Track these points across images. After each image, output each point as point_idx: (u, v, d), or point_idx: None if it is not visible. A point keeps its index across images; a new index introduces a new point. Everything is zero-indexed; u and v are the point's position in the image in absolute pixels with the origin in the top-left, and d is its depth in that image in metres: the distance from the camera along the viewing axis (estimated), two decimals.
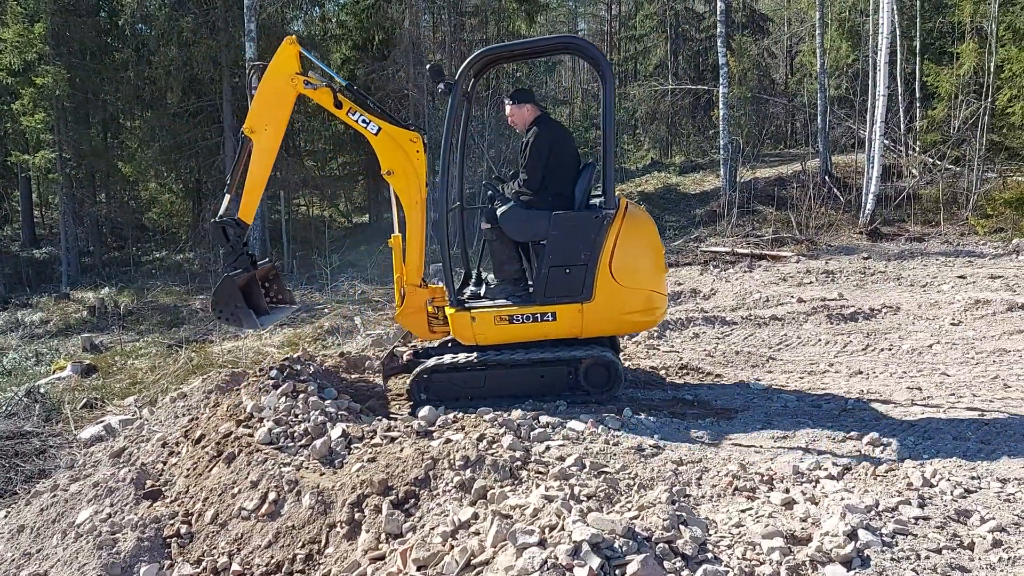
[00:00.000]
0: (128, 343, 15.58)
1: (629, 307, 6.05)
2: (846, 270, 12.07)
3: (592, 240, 5.90)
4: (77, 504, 5.42)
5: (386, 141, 6.10)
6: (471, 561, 3.70)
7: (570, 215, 5.98)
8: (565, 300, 5.94)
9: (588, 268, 5.90)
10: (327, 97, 6.07)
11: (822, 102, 20.90)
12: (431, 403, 5.97)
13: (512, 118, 6.38)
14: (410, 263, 6.34)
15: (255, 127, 6.09)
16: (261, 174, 6.17)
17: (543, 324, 5.99)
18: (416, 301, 6.34)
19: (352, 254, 21.35)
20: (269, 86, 6.08)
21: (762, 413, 5.94)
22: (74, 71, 21.51)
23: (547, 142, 6.11)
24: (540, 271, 5.96)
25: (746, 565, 3.52)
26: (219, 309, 6.15)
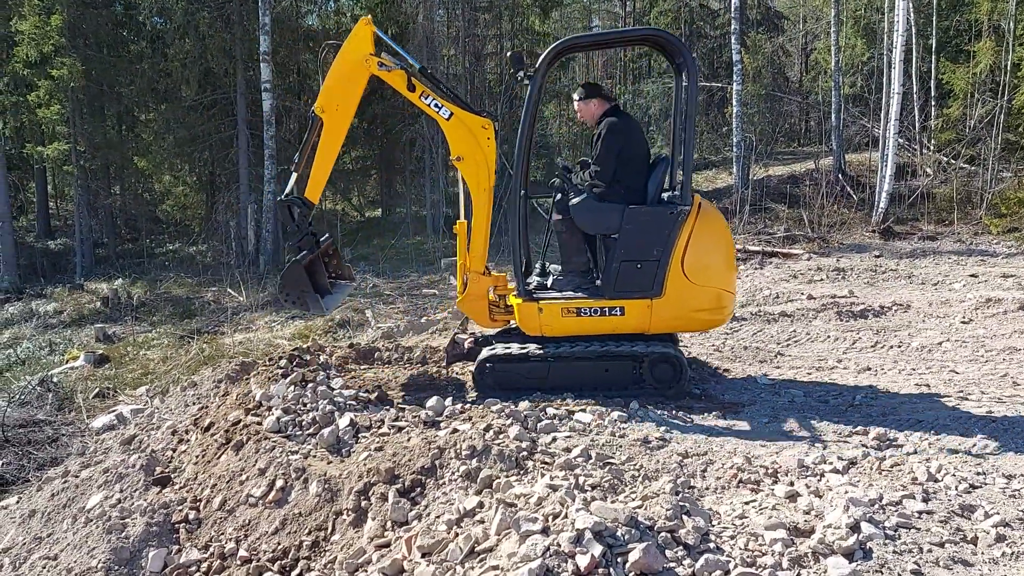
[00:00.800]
0: (140, 334, 15.70)
1: (699, 305, 6.04)
2: (857, 268, 12.02)
3: (666, 236, 5.90)
4: (88, 490, 5.49)
5: (457, 126, 6.05)
6: (475, 548, 3.73)
7: (644, 210, 5.98)
8: (635, 295, 5.95)
9: (660, 264, 5.91)
10: (401, 80, 6.01)
11: (836, 100, 20.79)
12: (494, 392, 6.01)
13: (580, 113, 6.41)
14: (474, 250, 6.31)
15: (326, 106, 6.04)
16: (329, 154, 6.15)
17: (611, 318, 5.99)
18: (479, 289, 6.35)
19: (364, 248, 21.42)
20: (342, 66, 6.02)
21: (769, 407, 5.95)
22: (90, 63, 21.65)
23: (619, 135, 6.08)
24: (611, 265, 5.96)
25: (748, 556, 3.54)
26: (286, 293, 6.27)
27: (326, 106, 6.04)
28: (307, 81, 23.88)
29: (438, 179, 22.37)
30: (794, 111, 27.44)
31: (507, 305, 6.44)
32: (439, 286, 16.26)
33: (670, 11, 27.93)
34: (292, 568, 4.29)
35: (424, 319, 10.58)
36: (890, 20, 18.54)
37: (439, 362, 7.22)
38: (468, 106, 6.13)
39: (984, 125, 19.02)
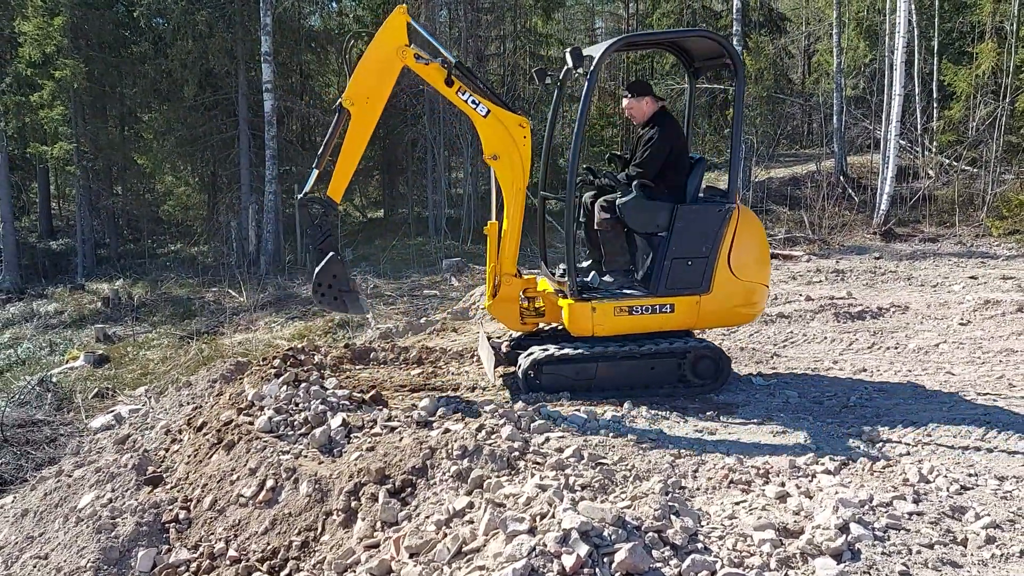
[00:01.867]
0: (141, 334, 15.72)
1: (741, 300, 6.27)
2: (857, 269, 11.99)
3: (714, 233, 6.07)
4: (80, 489, 5.49)
5: (494, 124, 5.91)
6: (462, 548, 3.71)
7: (694, 208, 6.13)
8: (685, 292, 6.09)
9: (708, 261, 6.07)
10: (438, 74, 5.79)
11: (838, 102, 20.76)
12: (543, 392, 6.03)
13: (630, 111, 6.40)
14: (507, 252, 6.19)
15: (355, 98, 5.67)
16: (356, 149, 5.81)
17: (661, 315, 6.10)
18: (511, 291, 6.28)
19: (365, 248, 21.43)
20: (375, 56, 5.70)
21: (763, 408, 5.93)
22: (92, 64, 21.70)
23: (671, 140, 6.21)
24: (661, 263, 6.06)
25: (736, 556, 3.52)
26: (322, 293, 5.74)
27: (355, 98, 5.67)
28: (308, 82, 23.91)
29: (440, 180, 22.38)
30: (796, 113, 27.38)
31: (536, 308, 6.39)
32: (440, 287, 16.25)
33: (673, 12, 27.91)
34: (281, 568, 4.28)
35: (423, 320, 10.57)
36: (892, 22, 18.50)
37: (435, 362, 7.22)
38: (505, 103, 6.01)
39: (986, 127, 18.97)
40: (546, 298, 6.35)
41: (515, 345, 6.77)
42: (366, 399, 5.77)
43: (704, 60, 6.79)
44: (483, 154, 6.06)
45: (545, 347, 6.15)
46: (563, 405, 5.82)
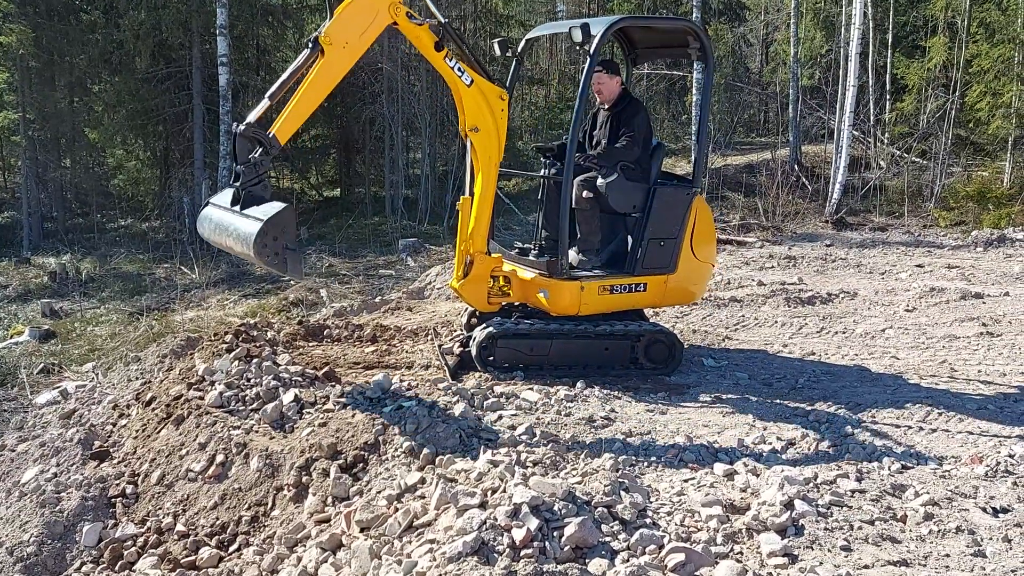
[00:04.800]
0: (89, 310, 15.35)
1: (696, 279, 6.54)
2: (808, 256, 12.21)
3: (682, 215, 6.27)
4: (23, 464, 5.37)
5: (476, 96, 5.78)
6: (413, 523, 3.73)
7: (669, 190, 6.32)
8: (656, 271, 6.26)
9: (677, 241, 6.27)
10: (428, 37, 5.55)
11: (794, 91, 21.03)
12: (496, 369, 6.03)
13: (602, 87, 6.39)
14: (478, 228, 6.01)
15: (334, 39, 5.20)
16: (318, 93, 5.30)
17: (635, 294, 6.26)
18: (483, 271, 6.13)
19: (321, 227, 21.18)
20: (365, 4, 5.34)
21: (714, 389, 6.03)
22: (40, 31, 20.99)
23: (647, 119, 6.39)
24: (638, 243, 6.19)
25: (683, 531, 3.59)
26: (265, 244, 4.77)
27: (334, 39, 5.20)
28: (265, 56, 23.45)
29: (398, 160, 22.18)
30: (753, 101, 27.68)
31: (501, 287, 6.30)
32: (396, 267, 16.15)
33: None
34: (230, 543, 4.26)
35: (378, 299, 10.51)
36: (848, 13, 18.78)
37: (389, 340, 7.18)
38: (488, 74, 5.89)
39: (936, 120, 19.40)
40: (513, 277, 6.32)
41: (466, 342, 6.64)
42: (319, 376, 5.73)
43: (660, 48, 6.95)
44: (462, 126, 5.93)
45: (501, 320, 6.16)
46: (516, 384, 5.85)
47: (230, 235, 5.02)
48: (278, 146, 5.14)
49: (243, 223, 4.92)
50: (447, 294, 9.95)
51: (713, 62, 6.61)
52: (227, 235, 5.05)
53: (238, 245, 4.96)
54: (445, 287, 10.29)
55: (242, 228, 4.90)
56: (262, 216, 4.81)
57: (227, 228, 5.06)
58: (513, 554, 3.20)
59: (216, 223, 5.19)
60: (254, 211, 4.91)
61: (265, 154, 5.07)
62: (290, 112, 5.21)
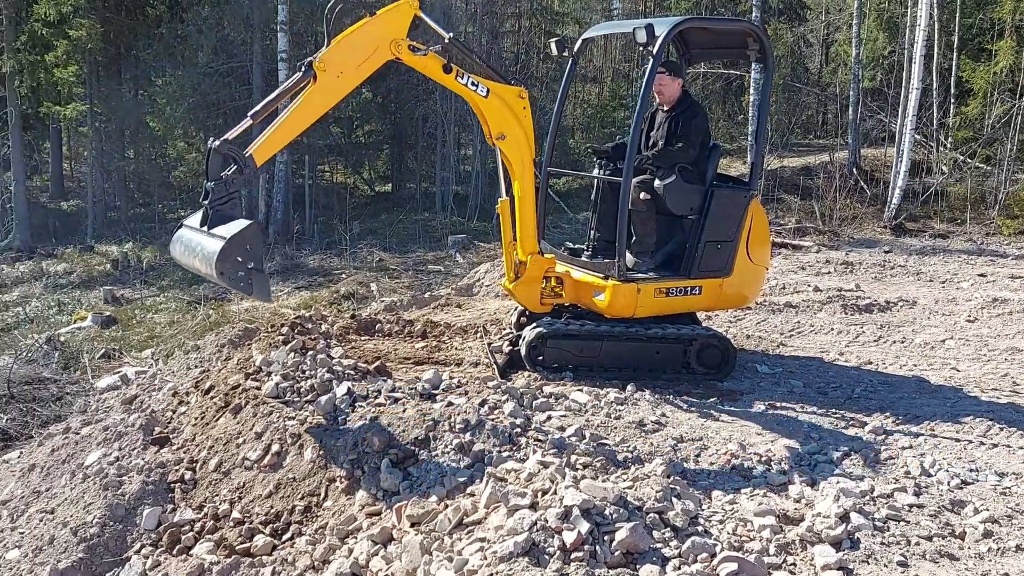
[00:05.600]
0: (149, 298, 15.79)
1: (751, 283, 6.49)
2: (866, 262, 11.96)
3: (740, 218, 6.22)
4: (87, 447, 5.54)
5: (495, 103, 5.68)
6: (464, 520, 3.76)
7: (726, 192, 6.27)
8: (712, 274, 6.22)
9: (733, 245, 6.22)
10: (435, 63, 5.41)
11: (855, 93, 20.60)
12: (545, 369, 6.03)
13: (663, 88, 6.33)
14: (526, 230, 6.00)
15: (328, 67, 5.02)
16: (304, 119, 5.13)
17: (690, 297, 6.22)
18: (536, 272, 6.12)
19: (372, 222, 21.42)
20: (365, 39, 5.19)
21: (767, 396, 5.95)
22: (108, 25, 21.61)
23: (706, 122, 6.36)
24: (695, 245, 6.16)
25: (735, 540, 3.56)
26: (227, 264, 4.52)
27: (329, 67, 5.04)
28: None
29: (449, 156, 22.32)
30: (811, 103, 27.18)
31: (554, 288, 6.28)
32: (445, 263, 16.27)
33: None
34: (284, 532, 4.33)
35: (427, 294, 10.60)
36: (913, 15, 18.32)
37: (439, 336, 7.24)
38: (501, 75, 5.84)
39: (1001, 125, 18.82)
40: (566, 278, 6.32)
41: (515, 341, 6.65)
42: (371, 370, 5.80)
43: (717, 49, 6.89)
44: (487, 137, 5.84)
45: (551, 320, 6.16)
46: (565, 384, 5.85)
47: (196, 256, 4.74)
48: (253, 167, 4.90)
49: (208, 243, 4.65)
50: (496, 291, 9.99)
51: (773, 64, 6.53)
52: (194, 256, 4.77)
53: (203, 266, 4.68)
54: (494, 284, 10.33)
55: (207, 248, 4.63)
56: (225, 235, 4.55)
57: (194, 249, 4.78)
58: (564, 556, 3.21)
59: (185, 244, 4.90)
60: (219, 230, 4.64)
61: (238, 173, 4.83)
62: (272, 134, 5.00)
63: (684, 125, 6.23)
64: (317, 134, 21.62)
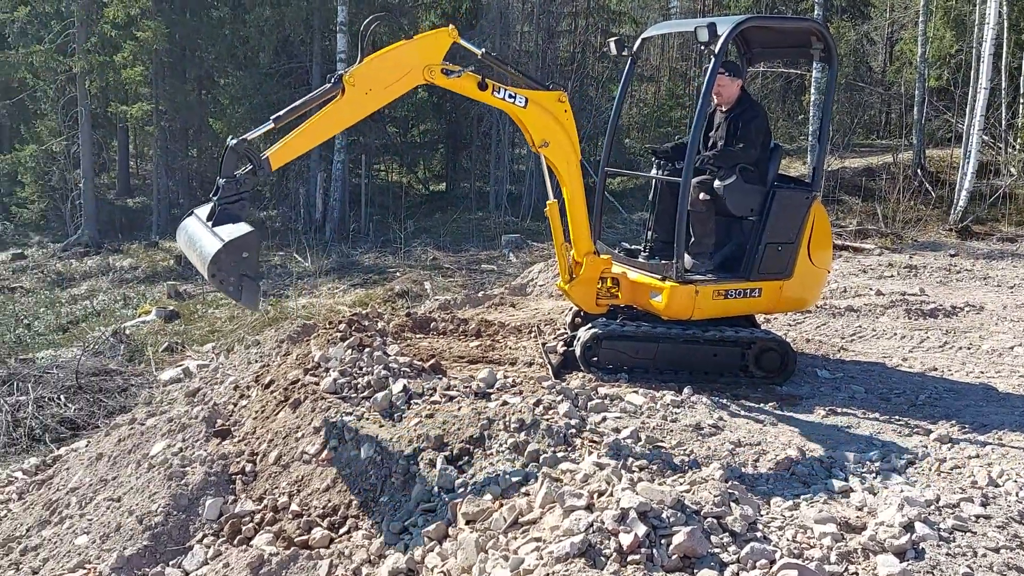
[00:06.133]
0: (210, 293, 16.15)
1: (811, 286, 6.41)
2: (930, 266, 11.64)
3: (801, 219, 6.14)
4: (152, 437, 5.71)
5: (535, 111, 5.59)
6: (519, 519, 3.76)
7: (788, 193, 6.21)
8: (772, 277, 6.15)
9: (794, 247, 6.15)
10: (471, 82, 5.38)
11: (920, 92, 20.05)
12: (599, 370, 6.01)
13: (722, 89, 6.25)
14: (579, 232, 6.00)
15: (358, 83, 4.99)
16: (326, 130, 5.14)
17: (749, 300, 6.17)
18: (592, 272, 6.11)
19: (427, 221, 21.60)
20: (398, 62, 5.17)
21: (828, 401, 5.83)
22: (173, 27, 22.19)
23: (766, 122, 6.33)
24: (755, 247, 6.10)
25: (795, 547, 3.50)
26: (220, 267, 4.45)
27: (358, 82, 5.00)
28: None
29: (503, 156, 22.37)
30: (875, 102, 26.54)
31: (610, 289, 6.25)
32: (498, 262, 16.32)
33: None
34: (340, 525, 4.39)
35: (481, 293, 10.64)
36: (981, 12, 17.76)
37: (493, 335, 7.26)
38: (537, 82, 5.82)
39: None
40: (622, 279, 6.29)
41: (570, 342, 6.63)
42: (426, 367, 5.85)
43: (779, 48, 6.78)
44: (531, 145, 5.78)
45: (606, 321, 6.13)
46: (621, 386, 5.82)
47: (195, 251, 4.69)
48: (268, 170, 4.88)
49: (207, 241, 4.60)
50: (550, 291, 9.98)
51: (837, 63, 6.40)
52: (194, 250, 4.72)
53: (199, 263, 4.64)
54: (548, 284, 10.32)
55: (205, 246, 4.57)
56: (225, 237, 4.49)
57: (195, 243, 4.72)
58: (620, 559, 3.19)
59: (189, 235, 4.86)
60: (221, 230, 4.59)
61: (252, 174, 4.82)
62: (291, 141, 4.99)
63: (744, 126, 6.15)
64: (373, 134, 21.90)
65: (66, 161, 23.42)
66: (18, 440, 8.66)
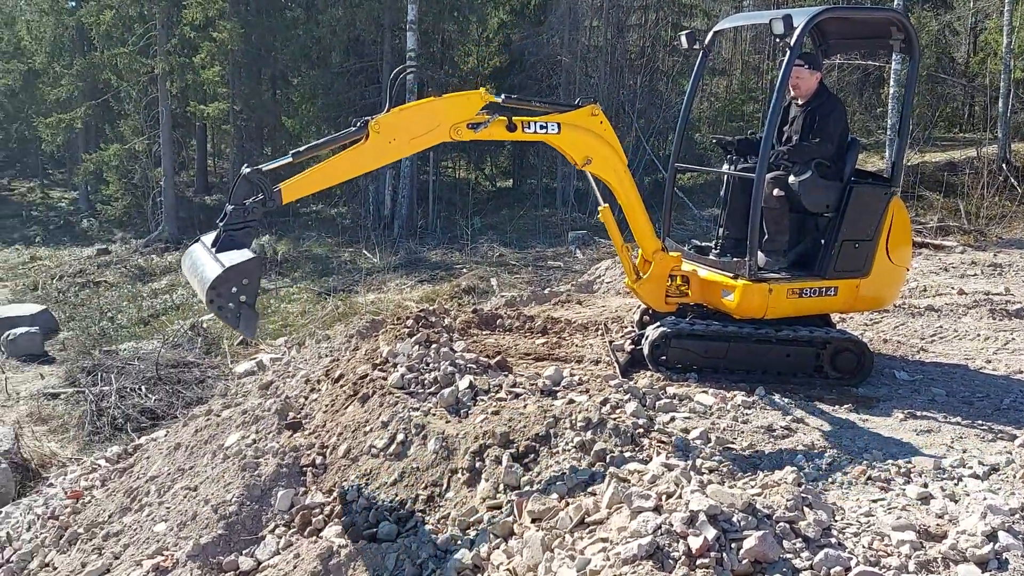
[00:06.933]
0: (283, 288, 16.55)
1: (889, 284, 6.24)
2: (1016, 264, 11.13)
3: (879, 216, 5.99)
4: (227, 428, 5.87)
5: (571, 133, 5.51)
6: (585, 519, 3.74)
7: (865, 189, 6.05)
8: (848, 275, 6.01)
9: (872, 244, 6.00)
10: (499, 129, 5.29)
11: (1005, 84, 19.22)
12: (668, 370, 5.95)
13: (800, 82, 6.12)
14: (642, 234, 5.98)
15: (383, 131, 4.90)
16: (343, 172, 5.05)
17: (824, 298, 6.03)
18: (662, 270, 6.06)
19: (494, 217, 21.69)
20: (429, 115, 5.14)
21: (907, 404, 5.62)
22: (249, 28, 22.75)
23: (844, 116, 6.17)
24: (831, 244, 5.97)
25: (872, 555, 3.39)
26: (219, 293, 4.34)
27: (383, 131, 4.90)
28: (449, 51, 24.23)
29: None
30: (957, 94, 25.54)
31: (679, 287, 6.17)
32: (564, 259, 16.27)
33: None
34: (407, 519, 4.43)
35: (547, 290, 10.62)
36: None
37: (559, 333, 7.23)
38: (564, 104, 5.68)
39: None
40: (692, 277, 6.19)
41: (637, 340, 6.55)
42: (492, 364, 5.86)
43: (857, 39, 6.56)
44: (574, 164, 5.70)
45: (675, 320, 6.04)
46: (690, 386, 5.72)
47: (196, 276, 4.60)
48: (279, 202, 4.78)
49: (208, 266, 4.50)
50: (617, 288, 9.89)
51: (918, 54, 6.17)
52: (195, 276, 4.62)
53: (199, 289, 4.54)
54: (615, 281, 10.23)
55: (206, 272, 4.48)
56: (226, 262, 4.41)
57: (197, 269, 4.62)
58: (689, 562, 3.14)
59: (193, 261, 4.75)
60: (223, 255, 4.49)
61: (262, 204, 4.71)
62: (307, 176, 4.90)
63: (821, 120, 5.97)
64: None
65: (148, 160, 24.25)
66: (101, 428, 9.04)
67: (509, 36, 24.74)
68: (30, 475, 7.59)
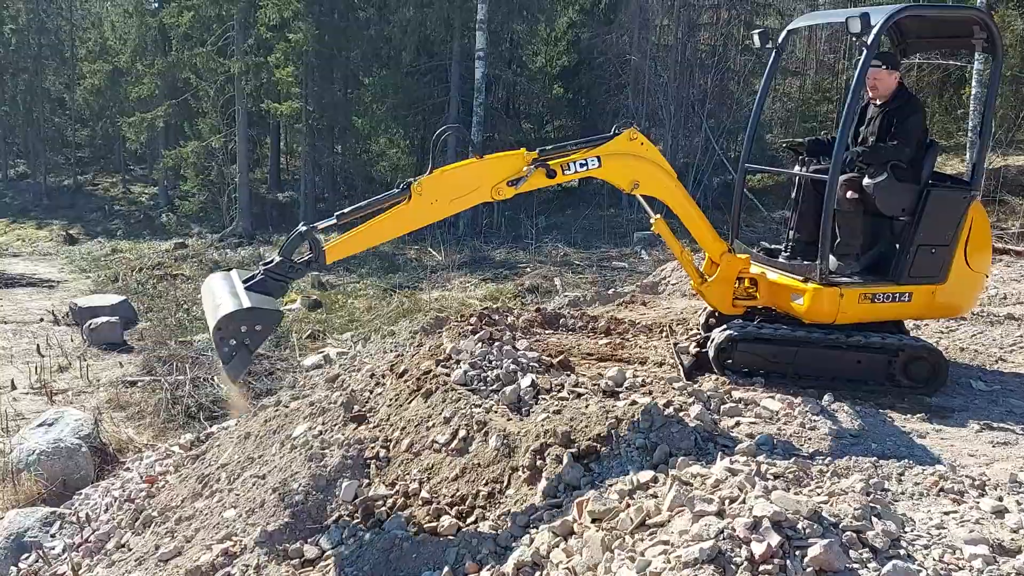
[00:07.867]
0: (350, 284, 16.85)
1: (967, 291, 6.07)
2: None
3: (957, 221, 5.83)
4: (295, 419, 6.01)
5: (613, 163, 5.50)
6: (646, 521, 3.71)
7: (944, 192, 5.90)
8: (924, 281, 5.86)
9: (949, 250, 5.84)
10: (539, 179, 5.30)
11: None
12: (733, 373, 5.87)
13: (878, 82, 5.99)
14: (707, 242, 5.92)
15: (425, 192, 4.97)
16: (386, 233, 5.12)
17: (898, 304, 5.88)
18: (729, 272, 5.98)
19: (558, 217, 21.67)
20: (470, 177, 5.19)
21: (983, 415, 5.43)
22: (322, 28, 23.23)
23: (924, 118, 6.05)
24: (907, 248, 5.84)
25: (942, 568, 3.29)
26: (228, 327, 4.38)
27: (426, 192, 4.97)
28: (517, 50, 24.31)
29: None
30: None
31: (747, 289, 6.10)
32: (629, 260, 16.16)
33: None
34: (468, 515, 4.48)
35: (611, 290, 10.57)
36: None
37: (623, 334, 7.19)
38: (599, 136, 5.60)
39: None
40: (761, 279, 6.09)
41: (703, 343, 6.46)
42: (554, 363, 5.87)
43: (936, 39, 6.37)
44: (621, 189, 5.70)
45: (742, 323, 5.95)
46: (756, 390, 5.63)
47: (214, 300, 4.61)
48: (323, 262, 4.91)
49: (232, 299, 4.51)
50: (683, 290, 9.78)
51: (1002, 54, 5.96)
52: (213, 299, 4.64)
53: (210, 315, 4.55)
54: (681, 283, 10.11)
55: (228, 300, 4.50)
56: (251, 303, 4.43)
57: (217, 295, 4.62)
58: (752, 568, 3.09)
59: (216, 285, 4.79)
60: (252, 296, 4.52)
61: (307, 264, 4.87)
62: (351, 237, 5.01)
63: (900, 121, 5.80)
64: (508, 129, 22.17)
65: (224, 157, 24.97)
66: (176, 416, 9.34)
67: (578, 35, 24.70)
68: (108, 459, 7.90)
